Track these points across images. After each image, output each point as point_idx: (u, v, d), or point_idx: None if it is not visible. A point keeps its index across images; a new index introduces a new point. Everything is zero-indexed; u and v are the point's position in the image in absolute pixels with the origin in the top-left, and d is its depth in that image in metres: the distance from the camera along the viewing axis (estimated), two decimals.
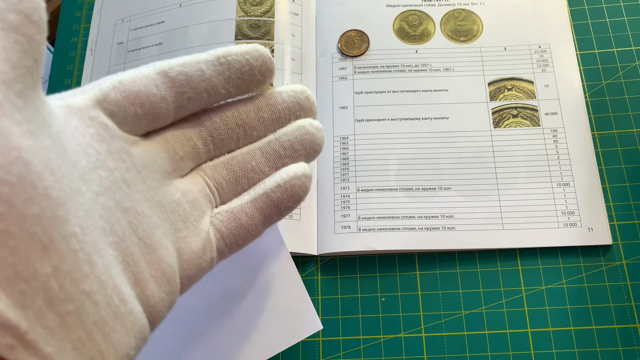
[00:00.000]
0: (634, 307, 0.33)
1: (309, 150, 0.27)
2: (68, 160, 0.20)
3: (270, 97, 0.28)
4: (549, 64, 0.39)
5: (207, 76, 0.27)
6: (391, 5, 0.41)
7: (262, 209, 0.27)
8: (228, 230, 0.27)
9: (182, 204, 0.26)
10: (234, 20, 0.40)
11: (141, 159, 0.25)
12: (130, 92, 0.25)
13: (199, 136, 0.27)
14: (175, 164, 0.27)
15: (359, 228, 0.35)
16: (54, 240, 0.18)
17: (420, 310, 0.34)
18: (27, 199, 0.17)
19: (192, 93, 0.26)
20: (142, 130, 0.26)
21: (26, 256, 0.17)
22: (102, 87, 0.25)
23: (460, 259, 0.35)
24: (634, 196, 0.35)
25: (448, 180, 0.36)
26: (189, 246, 0.25)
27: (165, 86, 0.26)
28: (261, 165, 0.27)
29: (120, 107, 0.25)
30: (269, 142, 0.27)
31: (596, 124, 0.37)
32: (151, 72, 0.26)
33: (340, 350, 0.33)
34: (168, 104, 0.26)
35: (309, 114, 0.29)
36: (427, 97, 0.38)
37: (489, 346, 0.32)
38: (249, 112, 0.28)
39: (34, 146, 0.18)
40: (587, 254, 0.34)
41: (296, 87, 0.28)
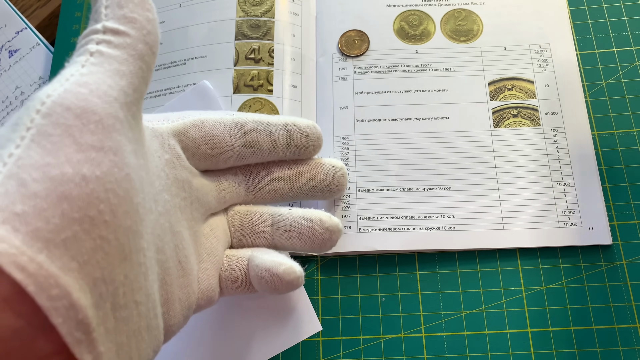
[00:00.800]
0: (634, 307, 0.33)
1: (304, 244, 0.30)
2: (149, 180, 0.23)
3: (312, 167, 0.32)
4: (549, 64, 0.39)
5: (274, 138, 0.30)
6: (391, 5, 0.41)
7: (253, 279, 0.29)
8: (225, 275, 0.29)
9: (209, 237, 0.29)
10: (234, 20, 0.40)
11: (197, 192, 0.28)
12: (208, 134, 0.28)
13: (246, 186, 0.31)
14: (219, 205, 0.30)
15: (359, 228, 0.35)
16: (132, 251, 0.20)
17: (420, 310, 0.34)
18: (125, 212, 0.19)
19: (257, 148, 0.30)
20: (202, 167, 0.29)
21: (112, 262, 0.19)
22: (186, 121, 0.28)
23: (460, 259, 0.35)
24: (634, 196, 0.35)
25: (448, 180, 0.36)
26: (207, 278, 0.28)
27: (237, 137, 0.29)
28: (266, 232, 0.30)
29: (195, 144, 0.28)
30: (282, 215, 0.30)
31: (596, 124, 0.37)
32: (230, 120, 0.29)
33: (340, 350, 0.33)
34: (234, 153, 0.29)
35: (340, 189, 0.33)
36: (427, 97, 0.38)
37: (489, 346, 0.32)
38: (291, 175, 0.32)
39: (136, 165, 0.21)
40: (587, 254, 0.34)
41: (336, 163, 0.33)
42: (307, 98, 0.39)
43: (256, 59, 0.39)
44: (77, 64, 0.21)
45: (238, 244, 0.31)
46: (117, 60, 0.21)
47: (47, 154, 0.18)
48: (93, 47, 0.21)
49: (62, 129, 0.18)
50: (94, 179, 0.18)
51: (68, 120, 0.18)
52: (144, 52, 0.22)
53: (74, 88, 0.19)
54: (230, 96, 0.38)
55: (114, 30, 0.21)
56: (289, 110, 0.38)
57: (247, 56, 0.39)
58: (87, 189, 0.18)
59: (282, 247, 0.30)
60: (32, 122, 0.18)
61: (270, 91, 0.38)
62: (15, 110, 0.42)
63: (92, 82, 0.20)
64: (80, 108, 0.19)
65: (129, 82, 0.21)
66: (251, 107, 0.37)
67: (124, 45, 0.21)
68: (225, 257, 0.29)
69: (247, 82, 0.38)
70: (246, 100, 0.38)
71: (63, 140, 0.18)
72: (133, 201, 0.19)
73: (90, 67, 0.20)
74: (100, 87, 0.20)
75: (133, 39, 0.22)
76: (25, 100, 0.42)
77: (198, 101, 0.37)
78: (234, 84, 0.38)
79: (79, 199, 0.17)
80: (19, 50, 0.43)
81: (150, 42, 0.22)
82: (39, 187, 0.17)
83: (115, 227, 0.18)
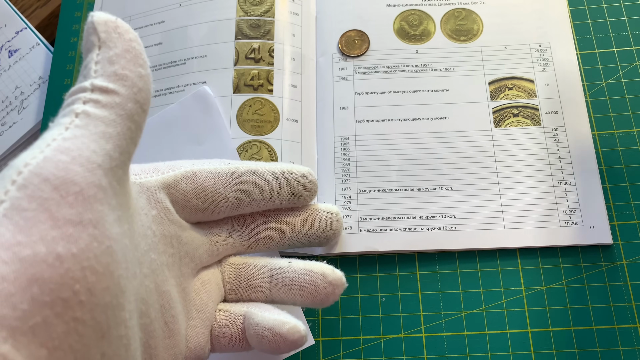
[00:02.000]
0: (634, 307, 0.33)
1: (305, 299, 0.28)
2: (134, 244, 0.21)
3: (309, 214, 0.31)
4: (549, 63, 0.39)
5: (270, 187, 0.29)
6: (391, 5, 0.41)
7: (251, 337, 0.27)
8: (217, 332, 0.28)
9: (200, 293, 0.27)
10: (234, 20, 0.40)
11: (187, 247, 0.26)
12: (199, 186, 0.27)
13: (241, 237, 0.30)
14: (211, 258, 0.29)
15: (360, 229, 0.35)
16: (110, 327, 0.18)
17: (421, 310, 0.34)
18: (104, 288, 0.18)
19: (252, 198, 0.29)
20: (194, 220, 0.28)
21: (87, 344, 0.17)
22: (177, 173, 0.26)
23: (460, 259, 0.35)
24: (634, 196, 0.35)
25: (449, 180, 0.36)
26: (196, 336, 0.26)
27: (232, 188, 0.28)
28: (263, 286, 0.29)
29: (185, 197, 0.26)
30: (281, 268, 0.29)
31: (596, 123, 0.37)
32: (224, 170, 0.28)
33: (340, 351, 0.33)
34: (228, 204, 0.28)
35: (336, 235, 0.32)
36: (427, 97, 0.38)
37: (489, 346, 0.33)
38: (288, 224, 0.30)
39: (119, 234, 0.19)
40: (587, 254, 0.34)
41: (332, 209, 0.32)
42: (307, 98, 0.39)
43: (256, 59, 0.39)
44: (60, 127, 0.19)
45: (232, 298, 0.29)
46: (104, 122, 0.20)
47: (19, 231, 0.16)
48: (79, 107, 0.20)
49: (37, 203, 0.17)
50: (70, 258, 0.17)
51: (45, 193, 0.17)
52: (133, 111, 0.21)
53: (54, 155, 0.18)
54: (231, 96, 0.38)
55: (102, 89, 0.20)
56: (289, 109, 0.38)
57: (247, 56, 0.39)
58: (61, 269, 0.16)
59: (280, 301, 0.29)
60: (6, 194, 0.17)
61: (270, 91, 0.38)
62: (14, 111, 0.42)
63: (74, 147, 0.19)
64: (59, 179, 0.18)
65: (115, 144, 0.20)
66: (251, 106, 0.37)
67: (112, 104, 0.20)
68: (218, 312, 0.28)
69: (247, 81, 0.38)
70: (246, 100, 0.38)
71: (38, 215, 0.17)
72: (114, 275, 0.18)
73: (74, 130, 0.19)
74: (83, 154, 0.19)
75: (122, 98, 0.20)
76: (24, 100, 0.42)
77: (197, 107, 0.37)
78: (234, 84, 0.38)
79: (51, 281, 0.16)
80: (18, 50, 0.43)
81: (141, 100, 0.21)
82: (8, 269, 0.16)
83: (92, 306, 0.17)
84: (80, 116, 0.20)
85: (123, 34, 0.21)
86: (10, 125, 0.42)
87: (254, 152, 0.36)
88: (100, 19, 0.21)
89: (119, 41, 0.21)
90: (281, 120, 0.37)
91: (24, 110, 0.42)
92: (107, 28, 0.21)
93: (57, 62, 0.42)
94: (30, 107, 0.42)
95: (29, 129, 0.41)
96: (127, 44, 0.21)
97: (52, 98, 0.41)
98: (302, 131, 0.38)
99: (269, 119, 0.37)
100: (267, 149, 0.36)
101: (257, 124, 0.37)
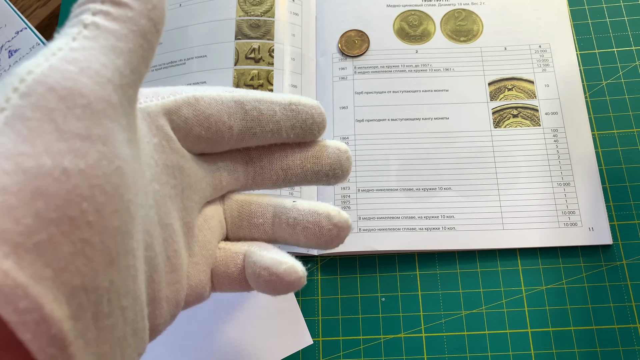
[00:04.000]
0: (634, 307, 0.33)
1: (309, 241, 0.27)
2: (141, 171, 0.20)
3: (317, 150, 0.28)
4: (549, 64, 0.39)
5: (277, 119, 0.27)
6: (391, 5, 0.41)
7: (249, 276, 0.26)
8: (217, 270, 0.26)
9: (203, 229, 0.26)
10: (234, 20, 0.40)
11: (189, 179, 0.25)
12: (202, 113, 0.25)
13: (246, 171, 0.28)
14: (215, 192, 0.27)
15: (359, 228, 0.35)
16: (119, 254, 0.17)
17: (420, 310, 0.34)
18: (114, 211, 0.17)
19: (258, 130, 0.26)
20: (197, 150, 0.26)
21: (95, 268, 0.16)
22: (178, 98, 0.24)
23: (460, 259, 0.35)
24: (634, 196, 0.35)
25: (448, 180, 0.36)
26: (198, 273, 0.25)
27: (236, 117, 0.26)
28: (266, 225, 0.27)
29: (187, 125, 0.24)
30: (285, 207, 0.27)
31: (596, 124, 0.37)
32: (229, 98, 0.26)
33: (340, 351, 0.33)
34: (232, 135, 0.26)
35: (345, 174, 0.29)
36: (427, 97, 0.38)
37: (489, 346, 0.32)
38: (295, 160, 0.28)
39: (129, 156, 0.18)
40: (587, 254, 0.34)
41: (341, 146, 0.29)
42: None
43: (256, 59, 0.39)
44: (67, 37, 0.18)
45: (234, 236, 0.28)
46: (114, 36, 0.18)
47: (22, 141, 0.15)
48: (88, 18, 0.18)
49: (42, 113, 0.16)
50: (77, 173, 0.16)
51: (50, 103, 0.16)
52: (146, 28, 0.19)
53: (61, 65, 0.17)
54: None
55: (114, 1, 0.19)
56: None
57: (247, 56, 0.39)
58: (68, 185, 0.15)
59: (283, 242, 0.28)
60: (7, 101, 0.16)
61: (270, 91, 0.38)
62: None
63: (82, 58, 0.17)
64: (66, 89, 0.16)
65: (126, 61, 0.18)
66: None
67: (124, 18, 0.19)
68: (219, 251, 0.27)
69: (247, 81, 0.38)
70: None
71: (42, 125, 0.16)
72: (123, 198, 0.17)
73: (83, 41, 0.18)
74: (91, 65, 0.17)
75: (135, 13, 0.19)
76: None
77: None
78: (234, 84, 0.38)
79: (57, 196, 0.15)
80: (18, 50, 0.43)
81: (155, 18, 0.20)
82: (9, 180, 0.14)
83: (100, 228, 0.16)
84: (89, 27, 0.18)
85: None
86: None
87: None
88: None
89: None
90: None
91: None
92: None
93: None
94: None
95: None
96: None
97: None
98: None
99: None
100: None
101: None
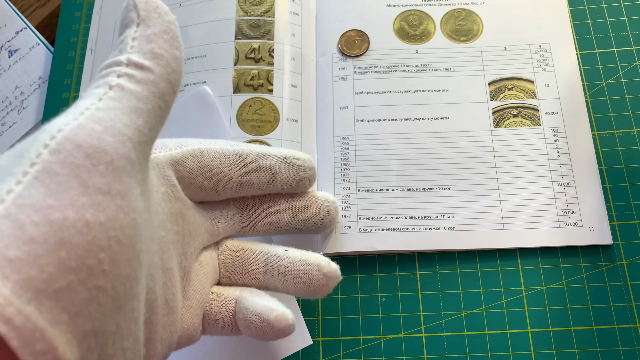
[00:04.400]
0: (634, 307, 0.33)
1: (299, 289, 0.28)
2: (150, 220, 0.22)
3: (307, 200, 0.32)
4: (549, 64, 0.39)
5: (273, 171, 0.29)
6: (391, 5, 0.41)
7: (240, 322, 0.27)
8: (209, 314, 0.28)
9: (198, 274, 0.27)
10: (234, 20, 0.40)
11: (190, 225, 0.26)
12: (206, 165, 0.27)
13: (241, 219, 0.30)
14: (212, 238, 0.29)
15: (359, 228, 0.35)
16: (127, 299, 0.19)
17: (420, 310, 0.34)
18: (126, 259, 0.18)
19: (256, 181, 0.29)
20: (197, 198, 0.28)
21: (105, 313, 0.17)
22: (185, 150, 0.27)
23: (460, 259, 0.35)
24: (634, 196, 0.35)
25: (448, 180, 0.36)
26: (191, 316, 0.26)
27: (237, 169, 0.28)
28: (257, 272, 0.29)
29: (192, 175, 0.27)
30: (277, 255, 0.29)
31: (596, 124, 0.37)
32: (230, 151, 0.28)
33: (340, 351, 0.33)
34: (232, 185, 0.28)
35: (332, 223, 0.33)
36: (427, 97, 0.38)
37: (489, 346, 0.32)
38: (287, 209, 0.31)
39: (142, 208, 0.20)
40: (587, 254, 0.34)
41: (329, 197, 0.32)
42: (307, 98, 0.39)
43: (256, 59, 0.39)
44: (94, 97, 0.20)
45: (226, 281, 0.29)
46: (136, 97, 0.20)
47: (50, 194, 0.17)
48: (114, 80, 0.20)
49: (69, 169, 0.17)
50: (97, 226, 0.17)
51: (77, 160, 0.17)
52: (165, 90, 0.21)
53: (88, 124, 0.18)
54: (231, 96, 0.38)
55: (138, 65, 0.21)
56: (289, 109, 0.38)
57: (247, 56, 0.39)
58: (89, 236, 0.17)
59: (273, 289, 0.29)
60: (38, 156, 0.17)
61: (270, 91, 0.38)
62: (14, 111, 0.42)
63: (107, 118, 0.19)
64: (92, 147, 0.18)
65: (146, 120, 0.20)
66: (251, 106, 0.37)
67: (146, 81, 0.21)
68: (211, 295, 0.28)
69: (247, 81, 0.38)
70: (246, 100, 0.38)
71: (69, 181, 0.17)
72: (135, 247, 0.19)
73: (108, 101, 0.19)
74: (115, 125, 0.19)
75: (156, 76, 0.21)
76: (24, 100, 0.42)
77: (197, 107, 0.37)
78: (234, 84, 0.38)
79: (79, 246, 0.16)
80: (18, 50, 0.43)
81: (173, 80, 0.22)
82: (37, 231, 0.16)
83: (113, 276, 0.17)
84: (114, 89, 0.20)
85: (162, 14, 0.22)
86: (10, 125, 0.42)
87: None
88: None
89: (158, 21, 0.22)
90: (281, 120, 0.37)
91: (23, 110, 0.42)
92: (147, 7, 0.22)
93: (57, 62, 0.42)
94: (30, 107, 0.42)
95: (29, 129, 0.41)
96: (165, 25, 0.22)
97: (52, 98, 0.41)
98: (302, 131, 0.38)
99: (269, 119, 0.37)
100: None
101: (257, 123, 0.37)
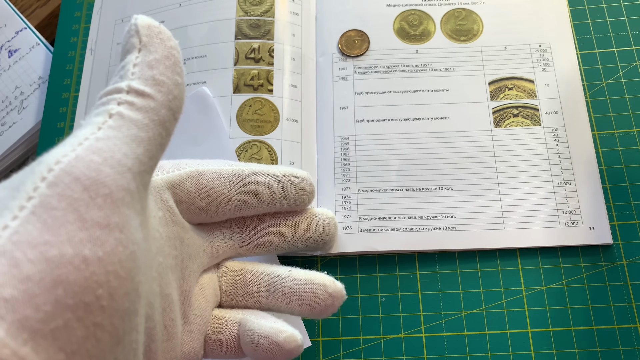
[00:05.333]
0: (634, 307, 0.33)
1: (304, 310, 0.28)
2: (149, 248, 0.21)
3: (307, 218, 0.31)
4: (549, 63, 0.39)
5: (272, 190, 0.29)
6: (391, 5, 0.41)
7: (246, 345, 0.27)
8: (211, 338, 0.27)
9: (199, 297, 0.27)
10: (234, 20, 0.40)
11: (188, 249, 0.26)
12: (204, 186, 0.27)
13: (241, 239, 0.30)
14: (211, 260, 0.28)
15: (360, 229, 0.35)
16: (125, 333, 0.18)
17: (420, 310, 0.34)
18: (125, 293, 0.18)
19: (255, 201, 0.28)
20: (196, 221, 0.27)
21: (104, 349, 0.17)
22: (182, 173, 0.26)
23: (460, 259, 0.35)
24: (634, 196, 0.35)
25: (449, 180, 0.36)
26: (191, 341, 0.26)
27: (235, 189, 0.28)
28: (260, 294, 0.28)
29: (190, 197, 0.26)
30: (280, 276, 0.28)
31: (596, 124, 0.37)
32: (229, 172, 0.28)
33: (340, 351, 0.33)
34: (231, 206, 0.28)
35: (332, 240, 0.33)
36: (427, 97, 0.38)
37: (489, 346, 0.32)
38: (287, 227, 0.31)
39: (141, 239, 0.19)
40: (587, 254, 0.34)
41: (328, 214, 0.32)
42: (307, 98, 0.39)
43: (256, 59, 0.39)
44: (93, 126, 0.19)
45: (228, 303, 0.29)
46: (136, 125, 0.19)
47: (47, 230, 0.16)
48: (114, 108, 0.20)
49: (67, 202, 0.17)
50: (95, 261, 0.16)
51: (75, 193, 0.17)
52: (166, 118, 0.21)
53: (87, 155, 0.18)
54: (230, 96, 0.38)
55: (138, 92, 0.20)
56: (289, 109, 0.38)
57: (247, 56, 0.39)
58: (87, 272, 0.16)
59: (277, 310, 0.28)
60: (35, 190, 0.17)
61: (270, 91, 0.38)
62: (14, 111, 0.42)
63: (107, 148, 0.18)
64: (90, 179, 0.17)
65: (146, 149, 0.20)
66: (251, 106, 0.37)
67: (147, 108, 0.20)
68: (212, 318, 0.27)
69: (247, 81, 0.38)
70: (246, 100, 0.38)
71: (67, 215, 0.17)
72: (134, 280, 0.18)
73: (107, 130, 0.19)
74: (114, 156, 0.18)
75: (157, 104, 0.20)
76: (24, 100, 0.42)
77: (196, 108, 0.37)
78: (234, 84, 0.38)
79: (76, 283, 0.16)
80: (18, 50, 0.43)
81: (175, 107, 0.21)
82: (34, 269, 0.15)
83: (112, 311, 0.17)
84: (114, 117, 0.19)
85: (165, 40, 0.21)
86: (10, 125, 0.42)
87: (254, 152, 0.36)
88: (144, 22, 0.21)
89: (160, 47, 0.21)
90: (281, 120, 0.37)
91: (23, 110, 0.42)
92: (149, 32, 0.21)
93: (57, 62, 0.42)
94: (30, 107, 0.42)
95: (29, 129, 0.41)
96: (167, 51, 0.21)
97: (52, 98, 0.41)
98: (302, 131, 0.38)
99: (269, 119, 0.37)
100: (267, 149, 0.36)
101: (257, 124, 0.37)
